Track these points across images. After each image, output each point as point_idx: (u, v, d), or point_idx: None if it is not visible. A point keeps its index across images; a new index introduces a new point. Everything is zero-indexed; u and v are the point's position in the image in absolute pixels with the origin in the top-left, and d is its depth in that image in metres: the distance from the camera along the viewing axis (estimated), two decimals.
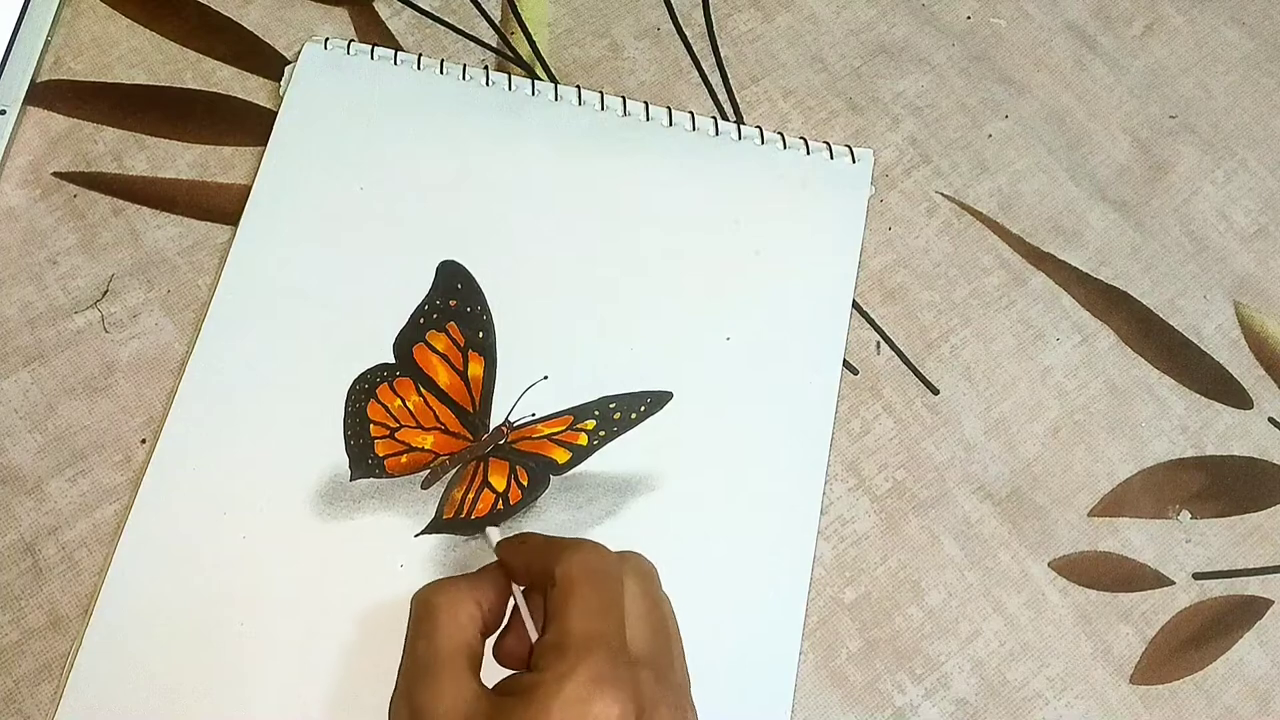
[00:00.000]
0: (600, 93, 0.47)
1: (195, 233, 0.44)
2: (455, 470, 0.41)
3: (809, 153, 0.47)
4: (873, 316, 0.46)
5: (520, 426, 0.41)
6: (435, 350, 0.42)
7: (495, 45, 0.49)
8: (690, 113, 0.47)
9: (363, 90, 0.46)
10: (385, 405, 0.41)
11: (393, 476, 0.40)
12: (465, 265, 0.44)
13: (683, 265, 0.45)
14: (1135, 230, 0.48)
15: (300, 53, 0.47)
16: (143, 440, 0.41)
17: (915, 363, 0.45)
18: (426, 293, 0.43)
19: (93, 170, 0.45)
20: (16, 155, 0.45)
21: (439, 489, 0.40)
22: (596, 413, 0.42)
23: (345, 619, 0.38)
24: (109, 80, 0.47)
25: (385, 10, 0.49)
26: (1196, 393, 0.46)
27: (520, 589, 0.35)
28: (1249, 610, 0.43)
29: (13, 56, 0.45)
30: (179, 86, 0.47)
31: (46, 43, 0.46)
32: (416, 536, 0.40)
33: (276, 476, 0.40)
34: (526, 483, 0.41)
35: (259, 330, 0.42)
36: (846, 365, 0.44)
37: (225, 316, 0.42)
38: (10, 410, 0.41)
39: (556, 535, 0.36)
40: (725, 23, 0.50)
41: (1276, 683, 0.42)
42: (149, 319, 0.43)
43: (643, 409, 0.42)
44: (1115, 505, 0.44)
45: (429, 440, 0.41)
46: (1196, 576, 0.43)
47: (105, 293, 0.43)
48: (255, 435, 0.40)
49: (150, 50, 0.47)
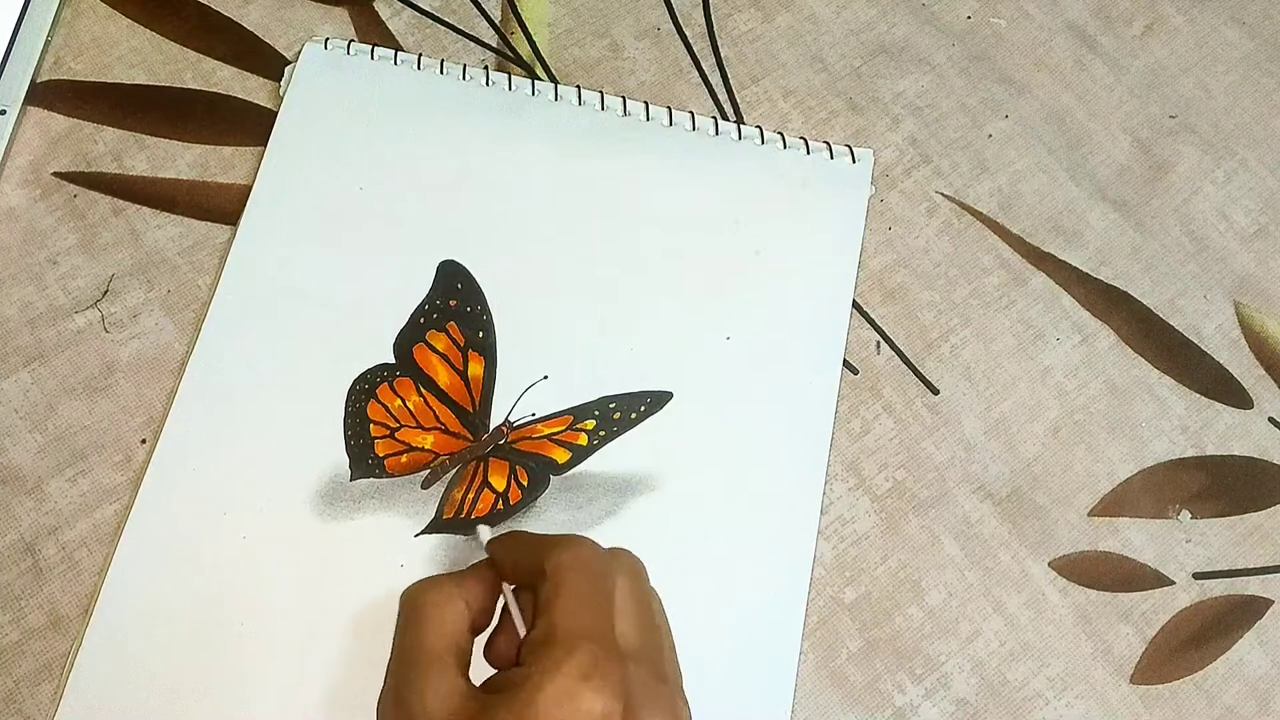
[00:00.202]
0: (600, 93, 0.47)
1: (195, 233, 0.44)
2: (455, 470, 0.41)
3: (809, 153, 0.47)
4: (873, 316, 0.46)
5: (520, 426, 0.41)
6: (435, 350, 0.42)
7: (495, 45, 0.49)
8: (690, 113, 0.47)
9: (363, 90, 0.46)
10: (385, 405, 0.41)
11: (393, 476, 0.40)
12: (465, 265, 0.44)
13: (683, 265, 0.45)
14: (1135, 230, 0.48)
15: (300, 53, 0.47)
16: (143, 440, 0.41)
17: (915, 363, 0.45)
18: (426, 293, 0.43)
19: (93, 170, 0.45)
20: (16, 155, 0.45)
21: (439, 489, 0.40)
22: (596, 413, 0.42)
23: (345, 619, 0.38)
24: (109, 80, 0.47)
25: (385, 10, 0.49)
26: (1197, 393, 0.46)
27: (510, 588, 0.34)
28: (1249, 610, 0.43)
29: (13, 56, 0.45)
30: (179, 86, 0.47)
31: (46, 43, 0.46)
32: (416, 536, 0.40)
33: (276, 476, 0.40)
34: (526, 483, 0.41)
35: (259, 330, 0.42)
36: (846, 365, 0.44)
37: (225, 316, 0.42)
38: (10, 410, 0.41)
39: (546, 534, 0.35)
40: (725, 23, 0.50)
41: (1276, 682, 0.42)
42: (149, 319, 0.43)
43: (643, 409, 0.42)
44: (1115, 505, 0.44)
45: (429, 440, 0.41)
46: (1197, 576, 0.43)
47: (105, 293, 0.43)
48: (255, 435, 0.40)
49: (150, 50, 0.47)
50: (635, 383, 0.42)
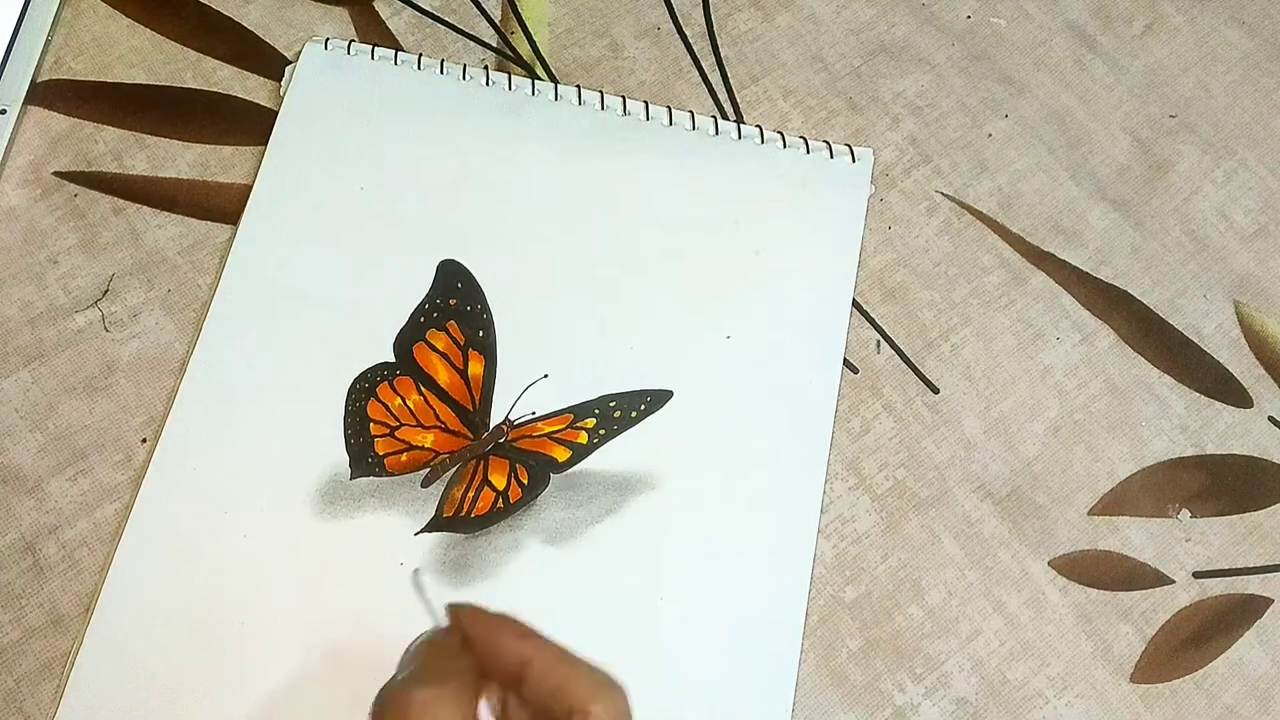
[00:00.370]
0: (600, 92, 0.47)
1: (195, 232, 0.44)
2: (455, 469, 0.41)
3: (809, 152, 0.47)
4: (873, 315, 0.46)
5: (520, 425, 0.41)
6: (435, 349, 0.42)
7: (495, 45, 0.49)
8: (690, 112, 0.47)
9: (363, 90, 0.46)
10: (385, 404, 0.41)
11: (393, 475, 0.40)
12: (465, 264, 0.44)
13: (683, 264, 0.45)
14: (1135, 230, 0.48)
15: (301, 53, 0.47)
16: (143, 439, 0.41)
17: (915, 362, 0.45)
18: (426, 292, 0.43)
19: (93, 170, 0.45)
20: (17, 155, 0.45)
21: (439, 487, 0.40)
22: (597, 411, 0.42)
23: (345, 618, 0.38)
24: (109, 80, 0.47)
25: (385, 10, 0.49)
26: (1196, 392, 0.46)
27: (491, 700, 0.29)
28: (1249, 609, 0.43)
29: (13, 56, 0.45)
30: (179, 86, 0.47)
31: (47, 42, 0.46)
32: (416, 535, 0.40)
33: (277, 475, 0.40)
34: (526, 481, 0.41)
35: (259, 330, 0.42)
36: (846, 364, 0.44)
37: (226, 316, 0.42)
38: (11, 410, 0.41)
39: (550, 643, 0.29)
40: (725, 22, 0.50)
41: (1276, 681, 0.42)
42: (149, 318, 0.43)
43: (643, 407, 0.42)
44: (1115, 504, 0.44)
45: (429, 439, 0.41)
46: (1196, 575, 0.43)
47: (106, 292, 0.43)
48: (255, 434, 0.40)
49: (150, 50, 0.47)
50: (635, 381, 0.42)
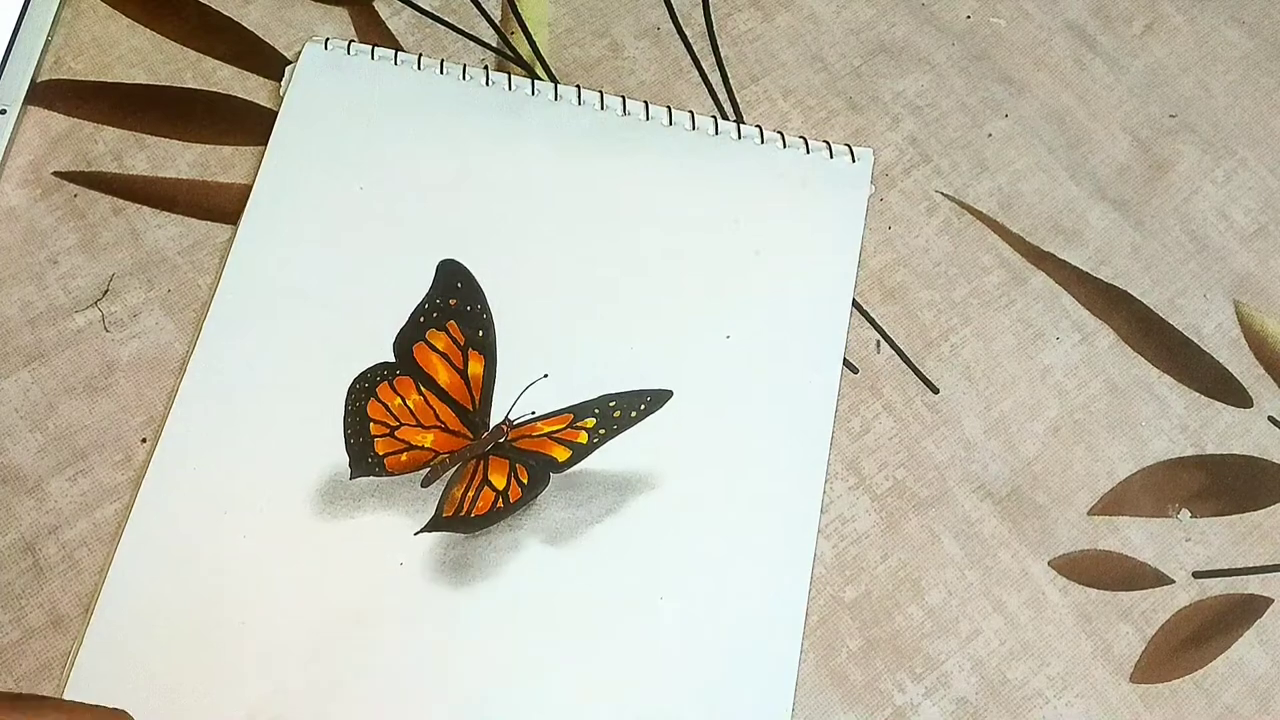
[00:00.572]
0: (600, 92, 0.47)
1: (195, 232, 0.44)
2: (455, 468, 0.41)
3: (809, 152, 0.47)
4: (872, 315, 0.46)
5: (520, 425, 0.41)
6: (435, 349, 0.42)
7: (495, 45, 0.49)
8: (690, 112, 0.47)
9: (363, 90, 0.46)
10: (385, 404, 0.41)
11: (393, 475, 0.40)
12: (465, 264, 0.44)
13: (683, 264, 0.45)
14: (1135, 229, 0.48)
15: (300, 53, 0.47)
16: (143, 439, 0.41)
17: (915, 362, 0.45)
18: (426, 292, 0.43)
19: (93, 170, 0.45)
20: (16, 155, 0.45)
21: (439, 487, 0.40)
22: (596, 411, 0.42)
23: (345, 617, 0.38)
24: (109, 80, 0.47)
25: (385, 10, 0.49)
26: (1196, 392, 0.46)
27: None
28: (1249, 609, 0.43)
29: (13, 56, 0.45)
30: (179, 86, 0.47)
31: (46, 42, 0.46)
32: (416, 535, 0.40)
33: (276, 475, 0.40)
34: (526, 480, 0.41)
35: (259, 330, 0.42)
36: (846, 364, 0.44)
37: (226, 316, 0.42)
38: (10, 410, 0.41)
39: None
40: (725, 22, 0.51)
41: (1277, 681, 0.42)
42: (149, 318, 0.43)
43: (643, 407, 0.42)
44: (1115, 504, 0.44)
45: (429, 438, 0.41)
46: (1196, 575, 0.43)
47: (105, 292, 0.43)
48: (255, 434, 0.40)
49: (150, 50, 0.47)
50: (635, 381, 0.42)
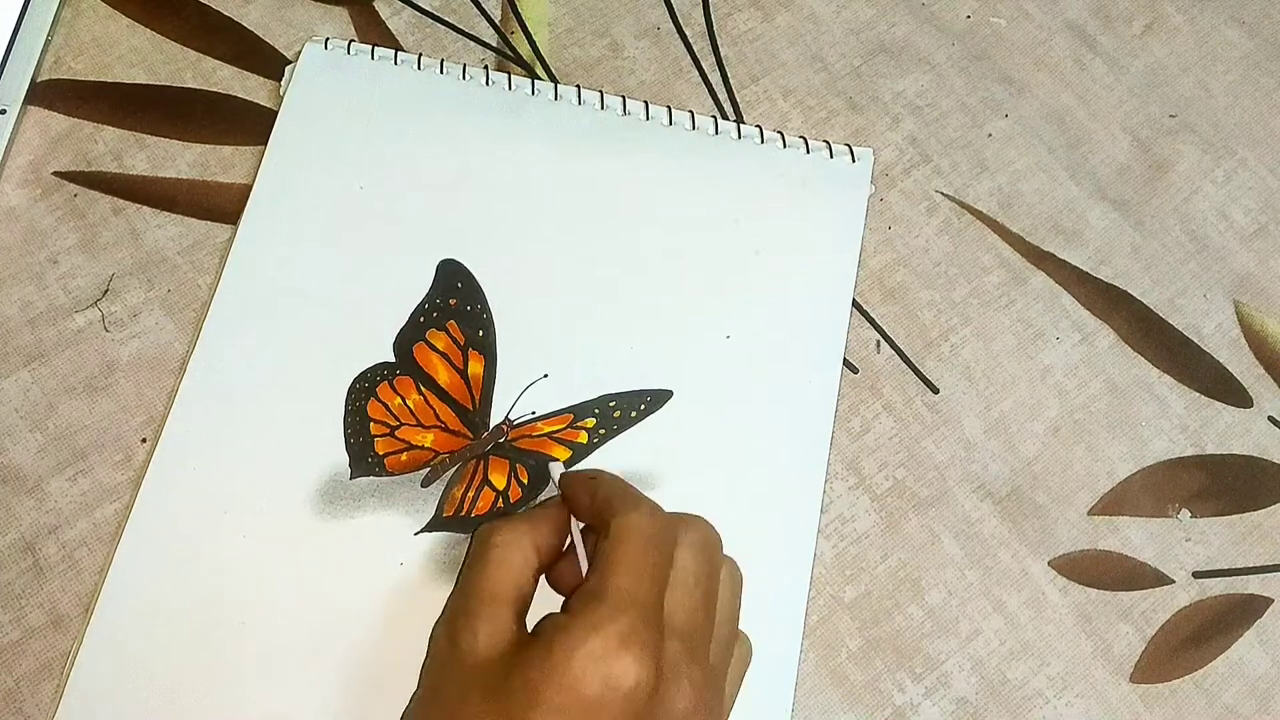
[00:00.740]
0: (600, 92, 0.47)
1: (195, 232, 0.44)
2: (455, 468, 0.41)
3: (809, 152, 0.47)
4: (873, 315, 0.46)
5: (520, 425, 0.41)
6: (435, 349, 0.42)
7: (495, 45, 0.49)
8: (690, 112, 0.47)
9: (363, 90, 0.46)
10: (385, 403, 0.41)
11: (393, 475, 0.40)
12: (465, 264, 0.44)
13: (683, 264, 0.45)
14: (1135, 229, 0.48)
15: (300, 52, 0.47)
16: (143, 439, 0.41)
17: (915, 361, 0.45)
18: (426, 291, 0.43)
19: (93, 170, 0.45)
20: (17, 155, 0.45)
21: (439, 487, 0.40)
22: (596, 411, 0.42)
23: (345, 617, 0.38)
24: (109, 80, 0.47)
25: (385, 10, 0.49)
26: (1196, 392, 0.46)
27: (579, 526, 0.35)
28: (1249, 609, 0.43)
29: (13, 56, 0.45)
30: (179, 86, 0.47)
31: (46, 42, 0.46)
32: (416, 534, 0.40)
33: (277, 475, 0.40)
34: (527, 481, 0.41)
35: (259, 329, 0.42)
36: (846, 364, 0.45)
37: (225, 316, 0.42)
38: (10, 410, 0.41)
39: (622, 480, 0.36)
40: (725, 22, 0.50)
41: (1276, 681, 0.42)
42: (149, 318, 0.43)
43: (643, 407, 0.42)
44: (1115, 504, 0.44)
45: (429, 438, 0.41)
46: (1196, 575, 0.43)
47: (105, 292, 0.43)
48: (255, 434, 0.40)
49: (150, 50, 0.47)
50: (635, 381, 0.42)
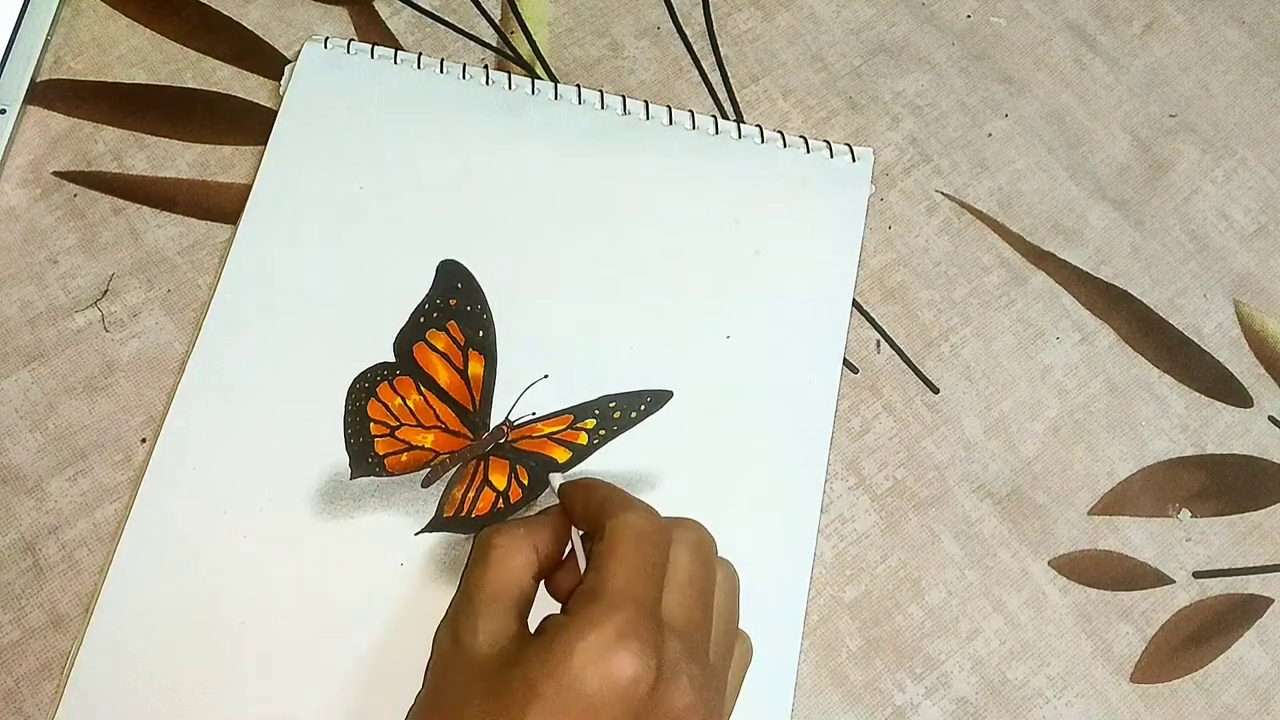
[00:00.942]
0: (600, 92, 0.47)
1: (195, 232, 0.44)
2: (455, 469, 0.41)
3: (809, 151, 0.47)
4: (873, 315, 0.46)
5: (520, 425, 0.41)
6: (435, 349, 0.42)
7: (495, 44, 0.49)
8: (690, 112, 0.47)
9: (363, 90, 0.46)
10: (385, 404, 0.41)
11: (393, 475, 0.40)
12: (465, 264, 0.44)
13: (683, 264, 0.45)
14: (1135, 229, 0.48)
15: (300, 52, 0.47)
16: (143, 439, 0.41)
17: (915, 361, 0.45)
18: (426, 292, 0.43)
19: (93, 170, 0.45)
20: (16, 155, 0.45)
21: (439, 487, 0.40)
22: (596, 412, 0.42)
23: (345, 617, 0.38)
24: (109, 80, 0.47)
25: (385, 9, 0.49)
26: (1196, 391, 0.46)
27: (578, 532, 0.36)
28: (1249, 609, 0.43)
29: (13, 56, 0.45)
30: (179, 86, 0.47)
31: (46, 42, 0.46)
32: (417, 535, 0.40)
33: (276, 475, 0.40)
34: (527, 481, 0.41)
35: (259, 329, 0.42)
36: (846, 364, 0.44)
37: (225, 316, 0.42)
38: (10, 410, 0.41)
39: (616, 486, 0.36)
40: (725, 22, 0.50)
41: (1277, 681, 0.42)
42: (149, 318, 0.43)
43: (643, 408, 0.42)
44: (1115, 504, 0.44)
45: (429, 439, 0.41)
46: (1197, 575, 0.43)
47: (105, 292, 0.43)
48: (255, 434, 0.40)
49: (150, 50, 0.47)
50: (635, 382, 0.42)
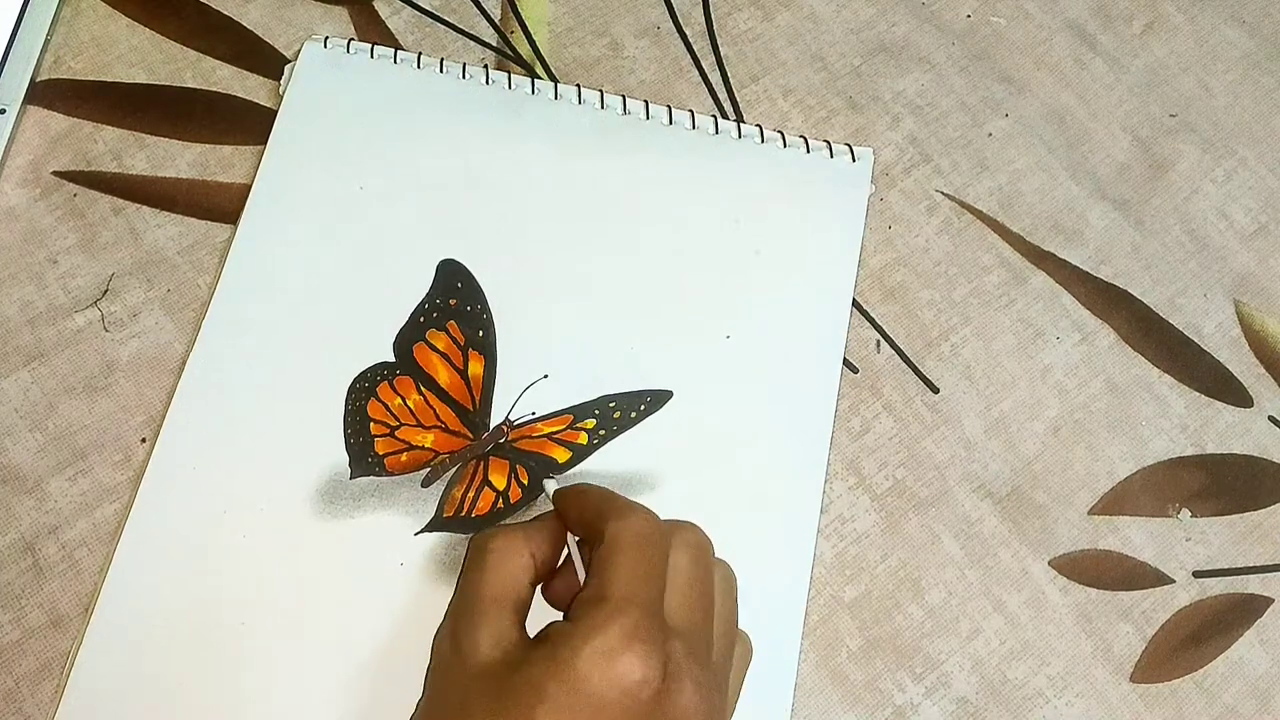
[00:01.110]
0: (600, 91, 0.47)
1: (195, 232, 0.44)
2: (455, 469, 0.41)
3: (809, 151, 0.47)
4: (873, 315, 0.46)
5: (520, 425, 0.41)
6: (435, 349, 0.42)
7: (495, 44, 0.49)
8: (690, 111, 0.47)
9: (363, 89, 0.46)
10: (385, 404, 0.41)
11: (393, 475, 0.40)
12: (465, 264, 0.44)
13: (683, 264, 0.45)
14: (1135, 229, 0.48)
15: (300, 52, 0.47)
16: (143, 439, 0.41)
17: (915, 361, 0.45)
18: (426, 291, 0.43)
19: (93, 169, 0.45)
20: (16, 155, 0.45)
21: (439, 487, 0.40)
22: (596, 411, 0.42)
23: (345, 617, 0.38)
24: (109, 79, 0.47)
25: (385, 9, 0.49)
26: (1197, 391, 0.46)
27: (574, 539, 0.36)
28: (1249, 608, 0.43)
29: (13, 56, 0.45)
30: (179, 86, 0.47)
31: (46, 42, 0.46)
32: (416, 535, 0.40)
33: (276, 475, 0.40)
34: (527, 481, 0.41)
35: (259, 329, 0.42)
36: (846, 364, 0.44)
37: (225, 315, 0.42)
38: (10, 409, 0.41)
39: (612, 491, 0.36)
40: (725, 21, 0.50)
41: (1277, 681, 0.42)
42: (149, 318, 0.43)
43: (642, 408, 0.42)
44: (1115, 504, 0.44)
45: (429, 439, 0.41)
46: (1197, 575, 0.43)
47: (105, 292, 0.43)
48: (255, 434, 0.40)
49: (150, 49, 0.47)
50: (635, 382, 0.42)
